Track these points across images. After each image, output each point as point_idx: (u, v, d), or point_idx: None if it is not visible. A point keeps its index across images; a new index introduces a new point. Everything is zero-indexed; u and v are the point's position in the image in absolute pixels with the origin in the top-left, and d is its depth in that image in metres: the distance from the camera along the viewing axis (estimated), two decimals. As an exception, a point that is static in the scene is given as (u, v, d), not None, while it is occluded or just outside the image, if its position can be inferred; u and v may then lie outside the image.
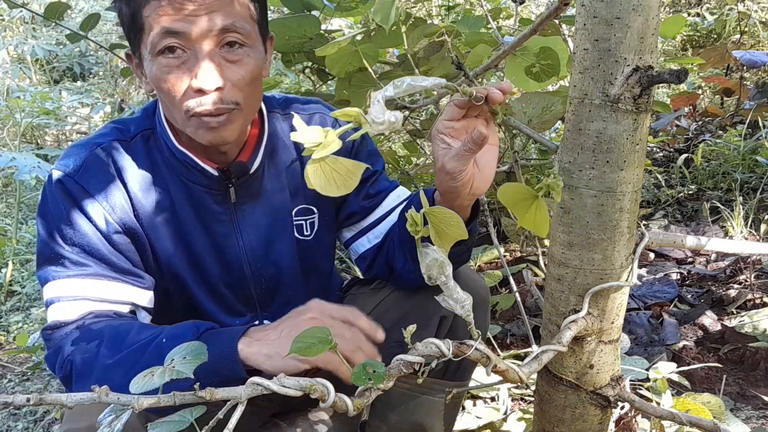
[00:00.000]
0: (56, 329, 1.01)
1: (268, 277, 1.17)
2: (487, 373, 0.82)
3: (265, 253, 1.16)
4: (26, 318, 2.50)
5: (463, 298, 0.80)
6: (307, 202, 1.19)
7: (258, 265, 1.16)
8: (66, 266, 1.01)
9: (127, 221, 1.05)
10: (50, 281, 1.01)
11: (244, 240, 1.14)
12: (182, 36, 0.94)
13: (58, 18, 1.91)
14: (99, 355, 0.95)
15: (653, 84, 0.77)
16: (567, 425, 1.01)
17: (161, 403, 0.60)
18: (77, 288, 1.01)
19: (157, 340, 0.94)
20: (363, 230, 1.24)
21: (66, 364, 0.97)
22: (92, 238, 1.02)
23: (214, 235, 1.12)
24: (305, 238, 1.20)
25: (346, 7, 1.78)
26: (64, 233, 1.02)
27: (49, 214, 1.03)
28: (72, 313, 1.00)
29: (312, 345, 0.74)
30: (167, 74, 0.96)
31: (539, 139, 1.02)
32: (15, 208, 3.15)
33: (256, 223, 1.14)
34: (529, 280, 1.13)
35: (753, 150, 3.10)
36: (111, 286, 1.02)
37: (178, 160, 1.07)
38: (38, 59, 5.70)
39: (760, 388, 1.65)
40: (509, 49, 1.08)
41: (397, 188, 1.25)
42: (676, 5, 5.33)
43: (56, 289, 1.01)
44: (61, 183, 1.02)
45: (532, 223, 0.95)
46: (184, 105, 0.97)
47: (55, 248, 1.02)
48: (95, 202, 1.02)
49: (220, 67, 0.96)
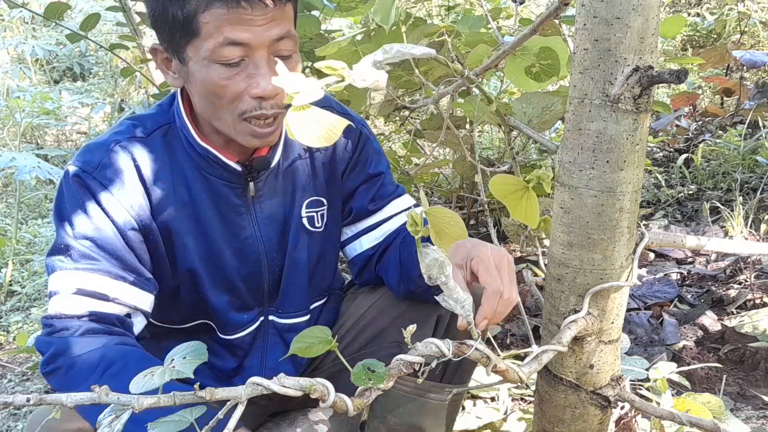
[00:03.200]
0: (57, 319, 1.00)
1: (281, 269, 1.19)
2: (487, 373, 0.82)
3: (280, 245, 1.17)
4: (26, 318, 2.50)
5: (463, 298, 0.80)
6: (317, 193, 1.20)
7: (273, 255, 1.17)
8: (75, 259, 1.01)
9: (144, 219, 1.06)
10: (57, 271, 1.01)
11: (262, 232, 1.15)
12: (245, 46, 0.95)
13: (58, 18, 1.91)
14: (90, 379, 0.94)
15: (653, 84, 0.77)
16: (567, 425, 1.01)
17: (161, 404, 0.60)
18: (83, 282, 1.00)
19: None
20: (358, 233, 1.25)
21: (53, 363, 0.98)
22: (107, 233, 1.02)
23: (234, 227, 1.13)
24: (317, 229, 1.21)
25: (346, 7, 1.78)
26: (79, 226, 1.01)
27: (65, 208, 1.03)
28: (74, 308, 1.00)
29: (312, 345, 0.74)
30: (225, 80, 0.97)
31: (539, 139, 1.02)
32: (15, 208, 3.15)
33: (272, 215, 1.16)
34: (529, 280, 1.13)
35: (753, 150, 3.09)
36: (117, 285, 1.02)
37: (198, 154, 1.08)
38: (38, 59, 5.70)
39: (760, 388, 1.65)
40: (509, 49, 1.08)
41: (400, 197, 1.26)
42: (676, 5, 5.33)
43: (62, 280, 1.01)
44: (79, 178, 1.02)
45: (523, 214, 0.96)
46: (239, 108, 0.99)
47: (67, 240, 1.02)
48: (113, 198, 1.03)
49: (273, 73, 0.97)
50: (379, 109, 1.99)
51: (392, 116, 2.48)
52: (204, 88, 0.99)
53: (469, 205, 2.80)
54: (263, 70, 0.97)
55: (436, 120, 2.18)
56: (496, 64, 1.08)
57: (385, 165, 1.27)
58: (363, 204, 1.23)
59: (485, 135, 3.66)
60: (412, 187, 2.54)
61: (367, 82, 0.68)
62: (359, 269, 1.27)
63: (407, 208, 1.24)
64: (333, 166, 1.21)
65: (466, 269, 0.93)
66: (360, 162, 1.23)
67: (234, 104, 0.99)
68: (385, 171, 1.26)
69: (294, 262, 1.19)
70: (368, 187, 1.23)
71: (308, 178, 1.19)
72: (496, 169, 1.18)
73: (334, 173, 1.21)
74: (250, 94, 0.98)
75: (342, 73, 0.68)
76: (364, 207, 1.23)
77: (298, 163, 1.18)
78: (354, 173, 1.23)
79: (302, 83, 0.64)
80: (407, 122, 2.65)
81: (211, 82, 0.97)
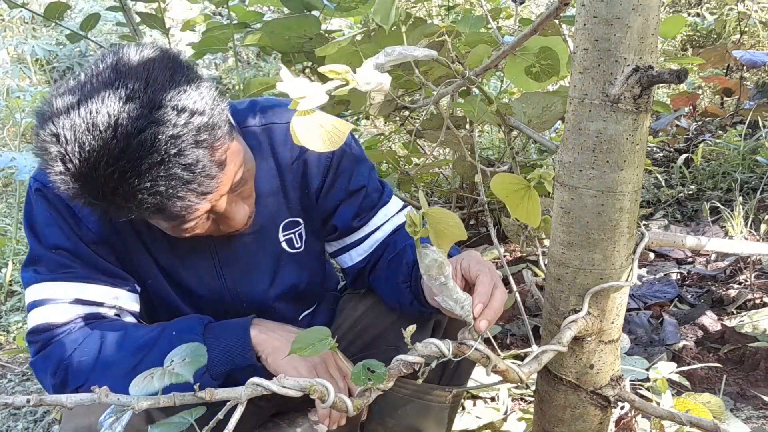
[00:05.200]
0: (43, 332, 0.99)
1: (250, 302, 1.16)
2: (487, 373, 0.82)
3: (245, 278, 1.14)
4: (26, 318, 2.50)
5: (463, 299, 0.80)
6: (291, 215, 1.16)
7: (238, 290, 1.14)
8: (51, 269, 1.00)
9: (107, 233, 1.04)
10: (34, 283, 1.01)
11: (222, 267, 1.12)
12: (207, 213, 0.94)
13: (58, 18, 1.91)
14: (101, 356, 0.94)
15: (653, 84, 0.77)
16: (567, 425, 1.01)
17: (161, 404, 0.60)
18: (63, 290, 1.00)
19: (165, 334, 0.94)
20: (347, 247, 1.22)
21: (60, 370, 0.96)
22: (78, 243, 1.01)
23: (191, 262, 1.10)
24: (297, 250, 1.18)
25: (346, 7, 1.78)
26: (50, 237, 1.01)
27: (35, 220, 1.02)
28: (60, 315, 0.99)
29: (312, 345, 0.74)
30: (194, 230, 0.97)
31: (539, 139, 1.02)
32: (15, 208, 3.15)
33: (234, 251, 1.12)
34: (529, 280, 1.12)
35: (753, 150, 3.09)
36: (98, 289, 1.02)
37: None
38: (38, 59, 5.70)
39: (760, 388, 1.65)
40: (509, 49, 1.08)
41: (386, 204, 1.21)
42: (676, 5, 5.33)
43: (41, 291, 1.00)
44: (41, 192, 1.01)
45: (525, 214, 0.95)
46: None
47: (40, 251, 1.01)
48: (76, 213, 1.01)
49: (241, 208, 0.99)
50: (379, 109, 1.98)
51: (392, 116, 2.48)
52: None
53: (469, 205, 2.80)
54: (231, 216, 0.97)
55: (436, 120, 2.18)
56: (496, 64, 1.08)
57: (367, 174, 1.19)
58: (347, 221, 1.18)
59: (485, 135, 3.66)
60: (412, 187, 2.54)
61: (371, 86, 0.68)
62: (352, 279, 1.27)
63: (396, 213, 1.21)
64: (306, 183, 1.14)
65: (456, 274, 0.93)
66: (338, 177, 1.15)
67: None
68: (368, 182, 1.18)
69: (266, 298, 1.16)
70: (350, 204, 1.17)
71: (280, 199, 1.14)
72: (496, 169, 1.18)
73: (308, 191, 1.15)
74: (226, 233, 1.00)
75: (346, 78, 0.68)
76: (348, 224, 1.18)
77: (267, 187, 1.12)
78: (333, 190, 1.16)
79: (307, 88, 0.64)
80: (407, 122, 2.65)
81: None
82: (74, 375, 0.96)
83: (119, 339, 0.96)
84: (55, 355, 0.98)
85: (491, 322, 0.84)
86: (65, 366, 0.97)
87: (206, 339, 0.98)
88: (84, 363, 0.96)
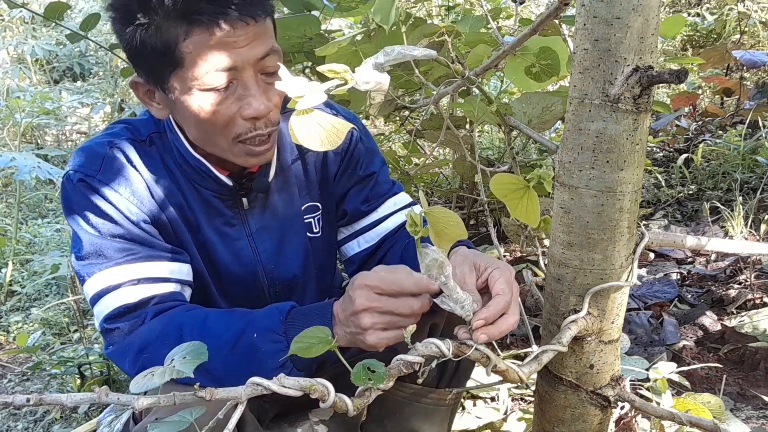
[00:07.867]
0: (118, 318, 0.99)
1: (282, 280, 1.18)
2: (487, 373, 0.82)
3: (278, 257, 1.16)
4: (26, 318, 2.50)
5: (463, 298, 0.80)
6: (312, 199, 1.20)
7: (272, 267, 1.16)
8: (111, 256, 1.00)
9: (154, 212, 1.05)
10: (96, 273, 1.00)
11: (257, 245, 1.14)
12: (231, 69, 0.93)
13: (58, 18, 1.91)
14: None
15: (653, 84, 0.77)
16: (567, 425, 1.01)
17: (161, 404, 0.60)
18: (128, 273, 1.00)
19: (246, 335, 0.92)
20: (355, 233, 1.25)
21: (144, 358, 0.95)
22: (130, 226, 1.02)
23: (227, 238, 1.12)
24: (315, 235, 1.21)
25: (346, 7, 1.78)
26: (102, 226, 1.01)
27: (81, 214, 1.02)
28: (131, 297, 0.99)
29: (312, 345, 0.74)
30: (216, 106, 0.95)
31: (539, 139, 1.02)
32: (15, 208, 3.15)
33: (267, 228, 1.15)
34: (529, 280, 1.13)
35: (753, 150, 3.09)
36: (161, 265, 1.02)
37: (191, 166, 1.08)
38: (38, 59, 5.70)
39: (760, 388, 1.65)
40: (509, 49, 1.08)
41: (396, 195, 1.25)
42: (676, 5, 5.33)
43: (106, 279, 0.99)
44: (85, 182, 1.02)
45: (524, 214, 0.95)
46: (233, 132, 0.98)
47: (95, 242, 1.01)
48: (122, 197, 1.02)
49: (265, 92, 0.97)
50: (379, 109, 1.99)
51: (392, 116, 2.49)
52: (194, 117, 0.97)
53: (469, 205, 2.80)
54: (253, 90, 0.95)
55: (436, 120, 2.18)
56: (496, 64, 1.08)
57: (379, 164, 1.25)
58: (356, 205, 1.22)
59: (485, 135, 3.66)
60: (412, 187, 2.54)
61: (370, 85, 0.69)
62: (356, 269, 1.27)
63: (404, 206, 1.24)
64: (325, 169, 1.20)
65: (479, 274, 0.90)
66: (351, 164, 1.22)
67: (227, 129, 0.97)
68: (378, 170, 1.24)
69: (296, 274, 1.19)
70: (360, 189, 1.22)
71: (302, 183, 1.19)
72: (496, 169, 1.18)
73: (326, 177, 1.21)
74: (243, 116, 0.96)
75: (345, 77, 0.68)
76: (358, 208, 1.23)
77: (291, 169, 1.17)
78: (345, 176, 1.22)
79: (306, 87, 0.64)
80: (407, 122, 2.65)
81: (201, 111, 0.95)
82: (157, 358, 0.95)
83: (200, 336, 0.93)
84: (134, 345, 0.96)
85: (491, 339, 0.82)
86: (148, 355, 0.95)
87: (287, 330, 0.94)
88: (163, 357, 0.94)
